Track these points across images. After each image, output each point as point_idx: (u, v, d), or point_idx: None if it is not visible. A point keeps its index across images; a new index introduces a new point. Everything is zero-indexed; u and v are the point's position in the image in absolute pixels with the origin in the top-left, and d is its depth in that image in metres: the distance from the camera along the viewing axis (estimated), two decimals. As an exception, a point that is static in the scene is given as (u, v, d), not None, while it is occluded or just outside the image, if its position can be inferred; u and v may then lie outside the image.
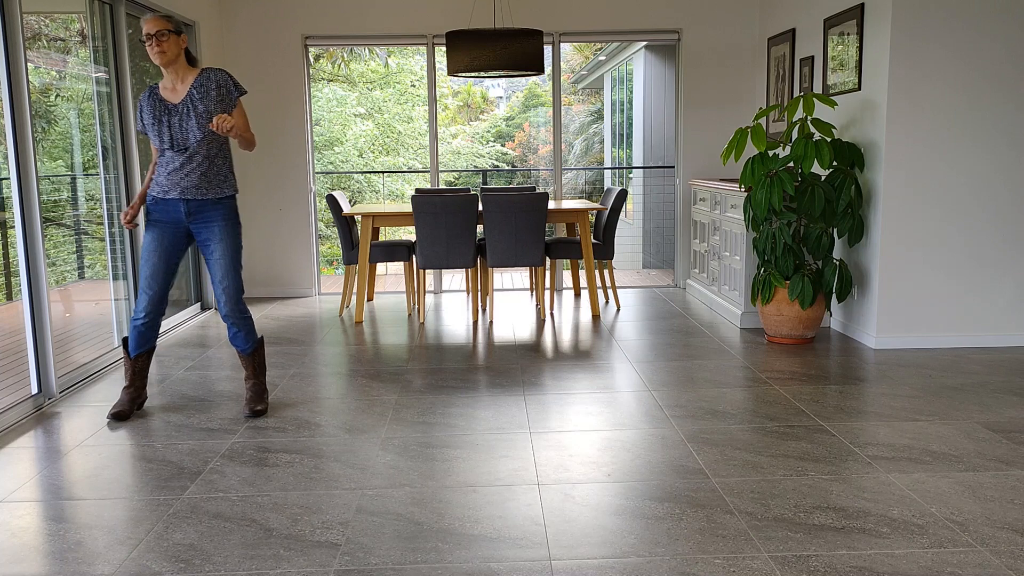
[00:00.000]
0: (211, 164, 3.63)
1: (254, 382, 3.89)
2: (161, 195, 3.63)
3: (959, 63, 4.66)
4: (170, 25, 3.54)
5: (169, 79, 3.61)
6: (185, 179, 3.59)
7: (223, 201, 3.68)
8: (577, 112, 18.39)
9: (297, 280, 6.97)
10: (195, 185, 3.60)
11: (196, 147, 3.57)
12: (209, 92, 3.58)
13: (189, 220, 3.66)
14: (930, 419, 3.62)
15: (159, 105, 3.58)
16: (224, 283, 3.68)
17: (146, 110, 3.61)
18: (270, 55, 6.68)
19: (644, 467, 3.13)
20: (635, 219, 11.54)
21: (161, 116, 3.56)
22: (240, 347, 3.84)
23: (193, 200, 3.62)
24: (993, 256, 4.80)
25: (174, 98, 3.59)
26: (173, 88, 3.60)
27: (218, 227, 3.66)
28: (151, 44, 3.50)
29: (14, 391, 4.00)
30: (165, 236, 3.67)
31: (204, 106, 3.57)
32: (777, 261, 4.94)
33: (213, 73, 3.63)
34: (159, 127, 3.56)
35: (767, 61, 6.52)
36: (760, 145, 4.91)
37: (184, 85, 3.60)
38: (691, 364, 4.60)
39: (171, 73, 3.59)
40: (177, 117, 3.56)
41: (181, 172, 3.58)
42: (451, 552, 2.50)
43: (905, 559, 2.41)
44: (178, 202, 3.62)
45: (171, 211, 3.64)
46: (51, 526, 2.73)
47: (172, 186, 3.60)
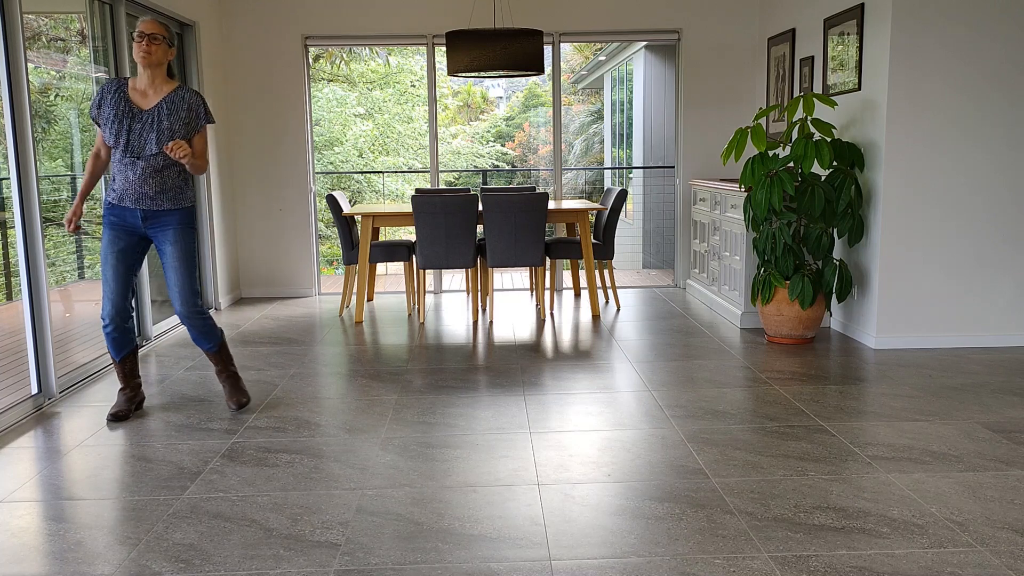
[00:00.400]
0: (165, 176, 3.61)
1: (227, 374, 3.90)
2: (116, 201, 3.61)
3: (959, 63, 4.66)
4: (166, 32, 3.58)
5: (143, 82, 3.59)
6: (140, 188, 3.56)
7: (177, 211, 3.67)
8: (577, 112, 18.39)
9: (297, 280, 6.97)
10: (150, 196, 3.58)
11: (150, 158, 3.55)
12: (179, 111, 3.57)
13: (145, 226, 3.64)
14: (930, 419, 3.62)
15: (125, 105, 3.55)
16: (178, 285, 3.67)
17: (108, 103, 3.55)
18: (270, 55, 6.68)
19: (644, 467, 3.13)
20: (635, 219, 11.54)
21: (123, 117, 3.53)
22: (204, 347, 3.84)
23: (148, 210, 3.61)
24: (993, 256, 4.80)
25: (143, 103, 3.57)
26: (144, 93, 3.59)
27: (171, 231, 3.65)
28: (141, 42, 3.51)
29: (14, 391, 4.00)
30: (120, 239, 3.64)
31: (169, 123, 3.55)
32: (777, 261, 4.94)
33: (187, 94, 3.62)
34: (118, 127, 3.52)
35: (767, 61, 6.52)
36: (760, 145, 4.91)
37: (156, 95, 3.58)
38: (691, 364, 4.60)
39: (147, 77, 3.58)
40: (140, 124, 3.53)
41: (136, 181, 3.56)
42: (451, 552, 2.50)
43: (905, 559, 2.41)
44: (134, 210, 3.61)
45: (127, 217, 3.63)
46: (51, 526, 2.73)
47: (128, 194, 3.58)
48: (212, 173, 6.33)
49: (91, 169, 3.72)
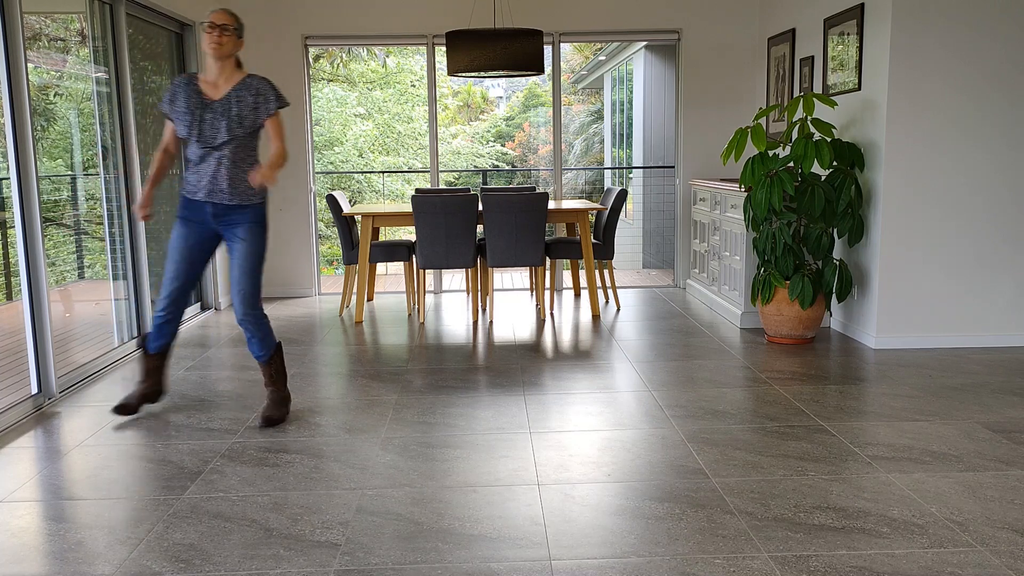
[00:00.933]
0: (239, 170, 3.60)
1: (272, 389, 3.79)
2: (190, 195, 3.63)
3: (959, 63, 4.66)
4: (236, 23, 3.58)
5: (212, 74, 3.60)
6: (214, 182, 3.57)
7: (249, 207, 3.66)
8: (577, 112, 18.39)
9: (297, 280, 6.97)
10: (221, 189, 3.58)
11: (221, 147, 3.56)
12: (246, 98, 3.58)
13: (216, 222, 3.64)
14: (930, 419, 3.62)
15: (196, 97, 3.57)
16: (240, 285, 3.63)
17: (180, 96, 3.58)
18: (270, 55, 6.68)
19: (644, 467, 3.13)
20: (635, 219, 11.54)
21: (195, 108, 3.55)
22: (255, 353, 3.76)
23: (220, 204, 3.61)
24: (993, 256, 4.80)
25: (214, 94, 3.58)
26: (215, 84, 3.60)
27: (242, 229, 3.64)
28: (213, 33, 3.51)
29: (14, 391, 4.00)
30: (192, 234, 3.65)
31: (238, 109, 3.56)
32: (777, 261, 4.94)
33: (255, 80, 3.62)
34: (191, 118, 3.55)
35: (767, 61, 6.52)
36: (760, 145, 4.91)
37: (227, 85, 3.59)
38: (691, 364, 4.60)
39: (217, 68, 3.58)
40: (211, 114, 3.55)
41: (209, 172, 3.57)
42: (451, 552, 2.50)
43: (905, 559, 2.41)
44: (205, 204, 3.61)
45: (198, 211, 3.63)
46: (51, 526, 2.73)
47: (200, 188, 3.59)
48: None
49: (159, 163, 3.73)
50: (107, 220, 5.03)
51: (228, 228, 3.65)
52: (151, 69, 5.69)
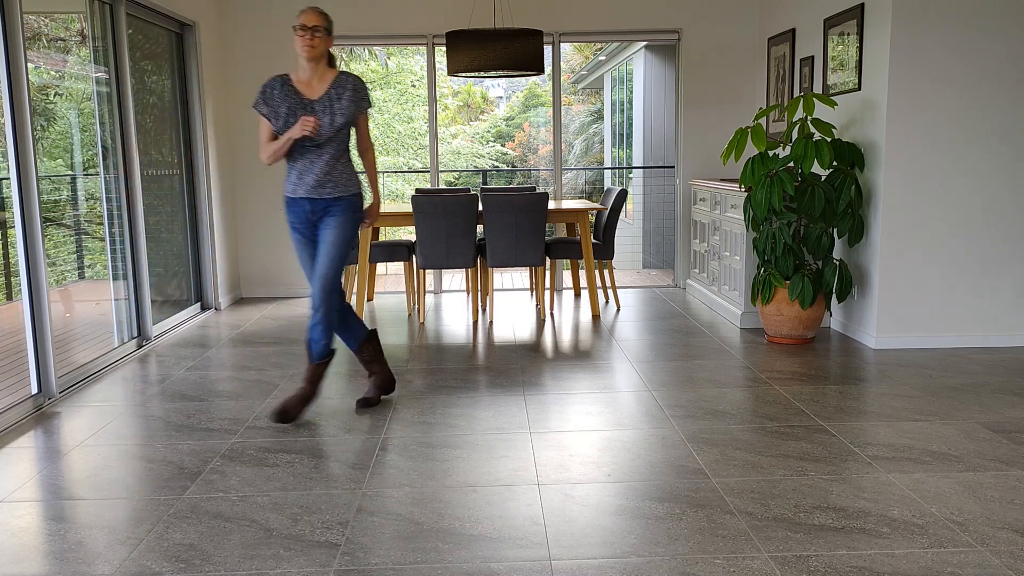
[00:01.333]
0: (336, 162, 3.68)
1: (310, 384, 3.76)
2: (291, 194, 3.70)
3: (959, 63, 4.66)
4: (326, 23, 3.61)
5: (306, 74, 3.65)
6: (312, 178, 3.64)
7: (345, 199, 3.73)
8: (577, 112, 18.40)
9: (297, 280, 6.97)
10: (322, 184, 3.65)
11: (324, 144, 3.62)
12: (344, 93, 3.64)
13: (315, 218, 3.71)
14: (930, 419, 3.62)
15: (295, 97, 3.63)
16: (320, 271, 3.67)
17: (278, 99, 3.63)
18: (270, 55, 6.68)
19: (644, 467, 3.13)
20: (635, 219, 11.54)
21: (296, 109, 3.61)
22: (314, 342, 3.73)
23: (319, 199, 3.67)
24: (993, 256, 4.80)
25: (311, 94, 3.64)
26: (309, 83, 3.65)
27: (334, 218, 3.70)
28: (305, 36, 3.56)
29: (14, 391, 4.00)
30: (306, 238, 3.74)
31: (340, 106, 3.63)
32: (777, 261, 4.94)
33: (351, 78, 3.68)
34: (293, 120, 3.59)
35: (767, 61, 6.52)
36: (760, 145, 4.91)
37: (322, 84, 3.65)
38: (691, 364, 4.60)
39: (311, 69, 3.64)
40: (312, 114, 3.60)
41: (310, 169, 3.64)
42: (451, 552, 2.50)
43: (905, 559, 2.41)
44: (304, 201, 3.68)
45: (300, 211, 3.70)
46: (51, 526, 2.73)
47: (301, 185, 3.66)
48: (212, 173, 6.34)
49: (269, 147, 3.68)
50: (107, 220, 5.03)
51: (323, 220, 3.71)
52: (151, 69, 5.69)
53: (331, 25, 3.64)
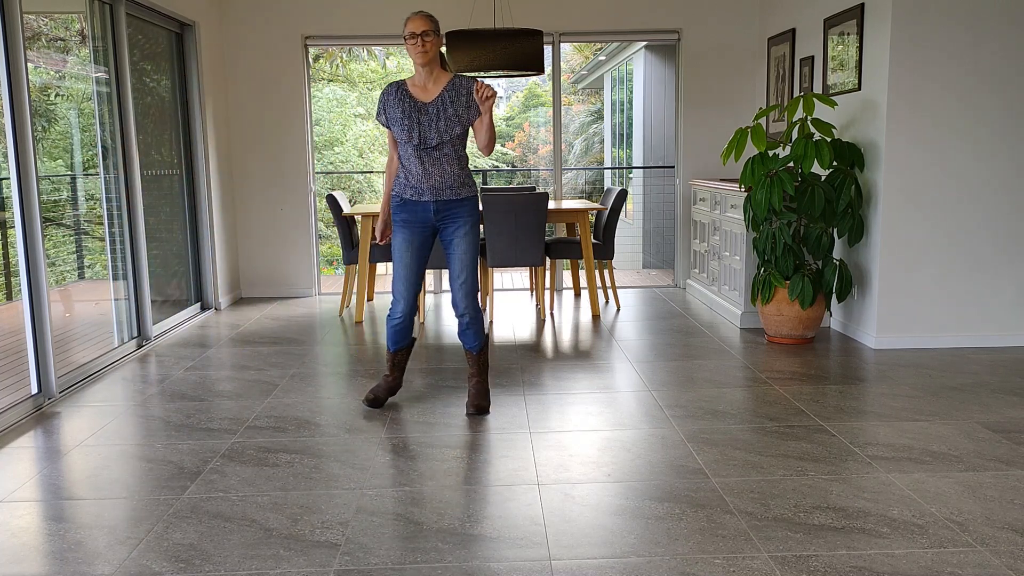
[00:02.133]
0: (456, 164, 3.70)
1: (478, 380, 3.88)
2: (413, 197, 3.70)
3: (959, 63, 4.66)
4: (433, 26, 3.62)
5: (421, 78, 3.68)
6: (433, 179, 3.66)
7: (468, 200, 3.75)
8: (577, 112, 18.40)
9: (297, 280, 6.97)
10: (446, 186, 3.68)
11: (442, 148, 3.65)
12: (460, 97, 3.65)
13: (437, 219, 3.73)
14: (930, 419, 3.62)
15: (409, 102, 3.65)
16: (462, 278, 3.74)
17: (394, 104, 3.67)
18: (270, 55, 6.68)
19: (644, 467, 3.13)
20: (635, 219, 11.54)
21: (411, 112, 3.63)
22: (469, 344, 3.86)
23: (442, 201, 3.70)
24: (993, 256, 4.80)
25: (425, 97, 3.66)
26: (424, 87, 3.67)
27: (462, 223, 3.73)
28: (416, 43, 3.57)
29: (14, 391, 4.00)
30: (416, 237, 3.75)
31: (454, 109, 3.64)
32: (777, 261, 4.94)
33: (464, 81, 3.69)
34: (408, 123, 3.63)
35: (767, 61, 6.52)
36: (760, 145, 4.91)
37: (436, 87, 3.67)
38: (691, 364, 4.60)
39: (425, 72, 3.66)
40: (427, 116, 3.62)
41: (428, 173, 3.66)
42: (451, 552, 2.50)
43: (905, 559, 2.41)
44: (428, 203, 3.70)
45: (419, 212, 3.71)
46: (51, 526, 2.73)
47: (424, 189, 3.68)
48: (212, 173, 6.34)
49: (390, 174, 3.85)
50: (107, 220, 5.03)
51: (449, 223, 3.73)
52: (151, 69, 5.69)
53: (438, 26, 3.64)
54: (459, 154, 3.72)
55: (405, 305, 3.81)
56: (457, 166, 3.70)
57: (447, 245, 3.77)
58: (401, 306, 3.81)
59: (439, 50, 3.66)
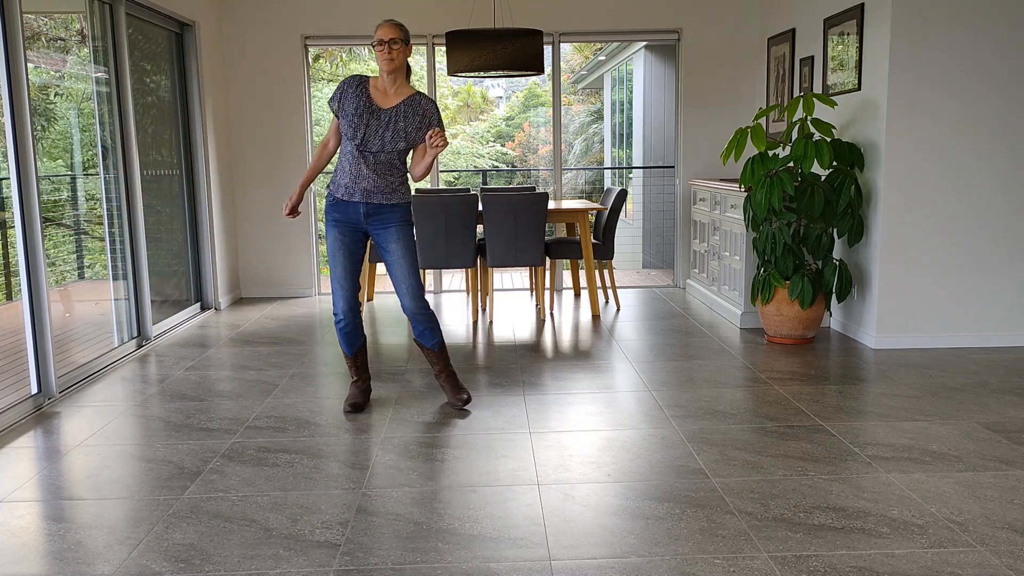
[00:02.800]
0: (391, 173, 3.68)
1: (446, 374, 3.92)
2: (344, 197, 3.68)
3: (959, 63, 4.66)
4: (402, 35, 3.59)
5: (383, 83, 3.65)
6: (369, 183, 3.64)
7: (399, 206, 3.73)
8: (577, 112, 18.39)
9: (297, 280, 6.97)
10: (379, 190, 3.65)
11: (380, 155, 3.62)
12: (414, 116, 3.63)
13: (367, 221, 3.71)
14: (930, 419, 3.62)
15: (367, 103, 3.62)
16: (406, 282, 3.73)
17: (350, 97, 3.62)
18: (270, 55, 6.68)
19: (644, 467, 3.13)
20: (635, 219, 11.54)
21: (363, 113, 3.60)
22: (427, 343, 3.87)
23: (372, 204, 3.67)
24: (993, 256, 4.80)
25: (383, 103, 3.63)
26: (385, 93, 3.65)
27: (395, 228, 3.71)
28: (384, 50, 3.55)
29: (14, 391, 4.00)
30: (346, 237, 3.73)
31: (404, 124, 3.62)
32: (777, 261, 4.94)
33: (424, 101, 3.68)
34: (357, 121, 3.59)
35: (767, 61, 6.52)
36: (760, 145, 4.91)
37: (396, 97, 3.65)
38: (691, 364, 4.60)
39: (389, 79, 3.63)
40: (377, 122, 3.60)
41: (364, 177, 3.63)
42: (451, 552, 2.50)
43: (905, 559, 2.41)
44: (359, 204, 3.67)
45: (350, 212, 3.69)
46: (51, 526, 2.73)
47: (356, 190, 3.65)
48: (212, 173, 6.34)
49: (318, 157, 3.82)
50: (107, 220, 5.03)
51: (380, 228, 3.72)
52: (151, 69, 5.69)
53: (408, 36, 3.62)
54: (395, 164, 3.68)
55: (344, 304, 3.77)
56: (392, 175, 3.68)
57: (383, 252, 3.76)
58: (340, 305, 3.78)
59: (406, 60, 3.65)
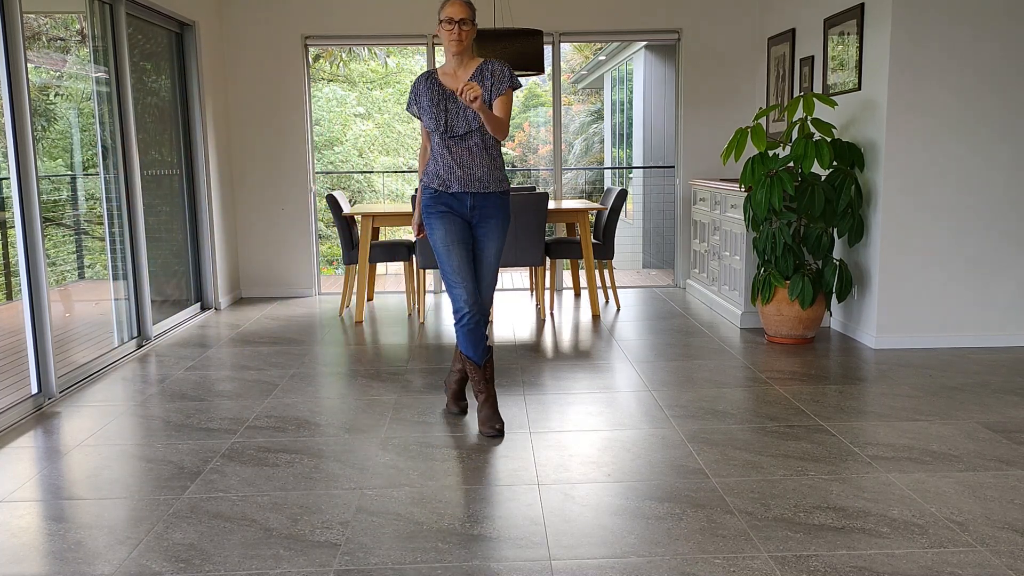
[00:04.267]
0: (484, 155, 3.52)
1: (487, 395, 3.59)
2: (441, 188, 3.53)
3: (959, 63, 4.66)
4: (471, 14, 3.45)
5: (451, 66, 3.54)
6: (463, 172, 3.50)
7: (501, 196, 3.59)
8: (577, 112, 18.39)
9: (297, 280, 6.97)
10: (476, 177, 3.51)
11: (469, 138, 3.49)
12: (485, 81, 3.49)
13: (472, 213, 3.55)
14: (930, 419, 3.62)
15: (438, 90, 3.51)
16: (486, 280, 3.60)
17: (423, 93, 3.53)
18: (270, 55, 6.68)
19: (644, 467, 3.13)
20: (635, 219, 11.54)
21: (439, 101, 3.49)
22: (474, 355, 3.57)
23: (477, 193, 3.53)
24: (993, 256, 4.80)
25: (454, 85, 3.51)
26: (454, 74, 3.53)
27: (495, 223, 3.58)
28: (452, 30, 3.40)
29: (14, 391, 4.00)
30: (455, 227, 3.53)
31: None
32: (777, 261, 4.94)
33: (492, 64, 3.52)
34: (435, 111, 3.49)
35: (767, 61, 6.52)
36: (760, 145, 4.91)
37: (465, 73, 3.52)
38: (691, 364, 4.60)
39: (456, 60, 3.52)
40: (455, 104, 3.48)
41: (457, 164, 3.50)
42: (451, 552, 2.50)
43: (905, 559, 2.41)
44: (464, 195, 3.53)
45: (454, 203, 3.54)
46: (51, 526, 2.73)
47: (453, 180, 3.51)
48: (212, 173, 6.34)
49: (422, 165, 3.69)
50: (107, 220, 5.03)
51: (483, 220, 3.56)
52: (151, 69, 5.69)
53: (475, 14, 3.46)
54: (489, 145, 3.53)
55: (466, 294, 3.47)
56: (486, 157, 3.52)
57: (479, 244, 3.59)
58: (462, 296, 3.47)
59: (473, 37, 3.48)
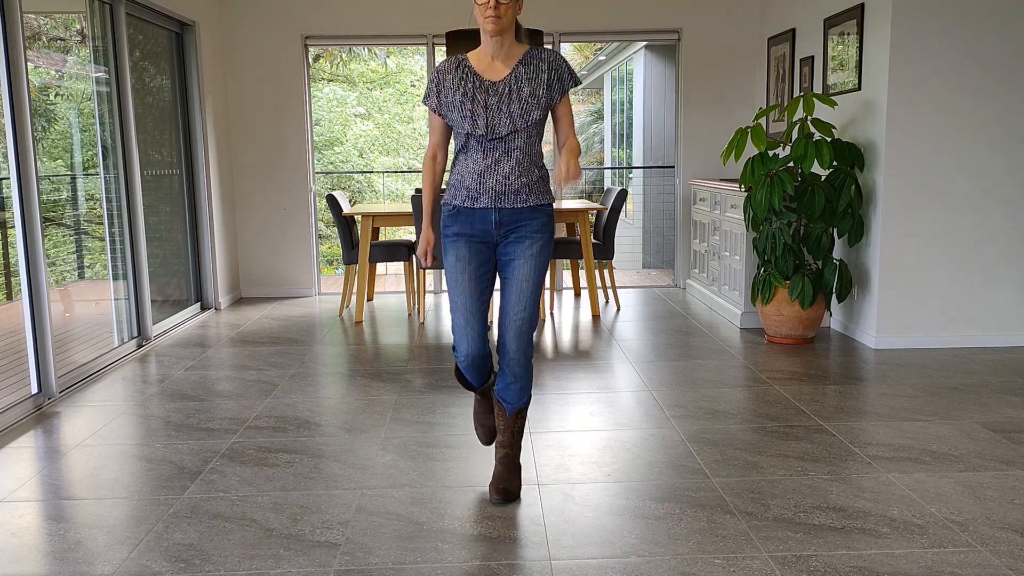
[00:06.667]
0: (527, 161, 2.81)
1: (507, 452, 2.94)
2: (467, 204, 2.81)
3: (959, 63, 4.66)
4: None
5: (489, 52, 2.82)
6: (500, 181, 2.79)
7: (541, 208, 2.85)
8: (577, 112, 18.39)
9: (297, 280, 6.97)
10: (510, 191, 2.79)
11: (516, 138, 2.79)
12: (540, 73, 2.80)
13: (498, 231, 2.83)
14: (930, 419, 3.62)
15: (475, 81, 2.80)
16: (516, 309, 2.81)
17: (450, 85, 2.81)
18: (270, 55, 6.68)
19: (644, 467, 3.13)
20: (635, 219, 11.54)
21: (475, 95, 2.78)
22: (508, 400, 2.90)
23: (507, 209, 2.80)
24: (993, 256, 4.80)
25: (492, 75, 2.80)
26: (492, 62, 2.82)
27: (528, 241, 2.83)
28: (488, 6, 2.70)
29: (14, 391, 4.00)
30: (473, 255, 2.83)
31: (531, 88, 2.78)
32: (777, 261, 4.94)
33: (545, 52, 2.85)
34: (472, 107, 2.77)
35: (767, 61, 6.52)
36: (760, 145, 4.91)
37: (509, 61, 2.81)
38: (691, 364, 4.60)
39: (495, 44, 2.79)
40: (496, 98, 2.77)
41: (494, 171, 2.79)
42: (451, 552, 2.50)
43: (905, 559, 2.41)
44: (488, 212, 2.81)
45: (476, 222, 2.82)
46: (51, 526, 2.73)
47: (480, 193, 2.79)
48: (212, 173, 6.34)
49: (431, 177, 2.96)
50: (107, 220, 5.03)
51: (512, 240, 2.84)
52: (151, 69, 5.69)
53: None
54: (532, 150, 2.82)
55: (469, 345, 2.83)
56: (528, 163, 2.81)
57: (505, 266, 2.85)
58: (464, 347, 2.84)
59: (517, 16, 2.79)
